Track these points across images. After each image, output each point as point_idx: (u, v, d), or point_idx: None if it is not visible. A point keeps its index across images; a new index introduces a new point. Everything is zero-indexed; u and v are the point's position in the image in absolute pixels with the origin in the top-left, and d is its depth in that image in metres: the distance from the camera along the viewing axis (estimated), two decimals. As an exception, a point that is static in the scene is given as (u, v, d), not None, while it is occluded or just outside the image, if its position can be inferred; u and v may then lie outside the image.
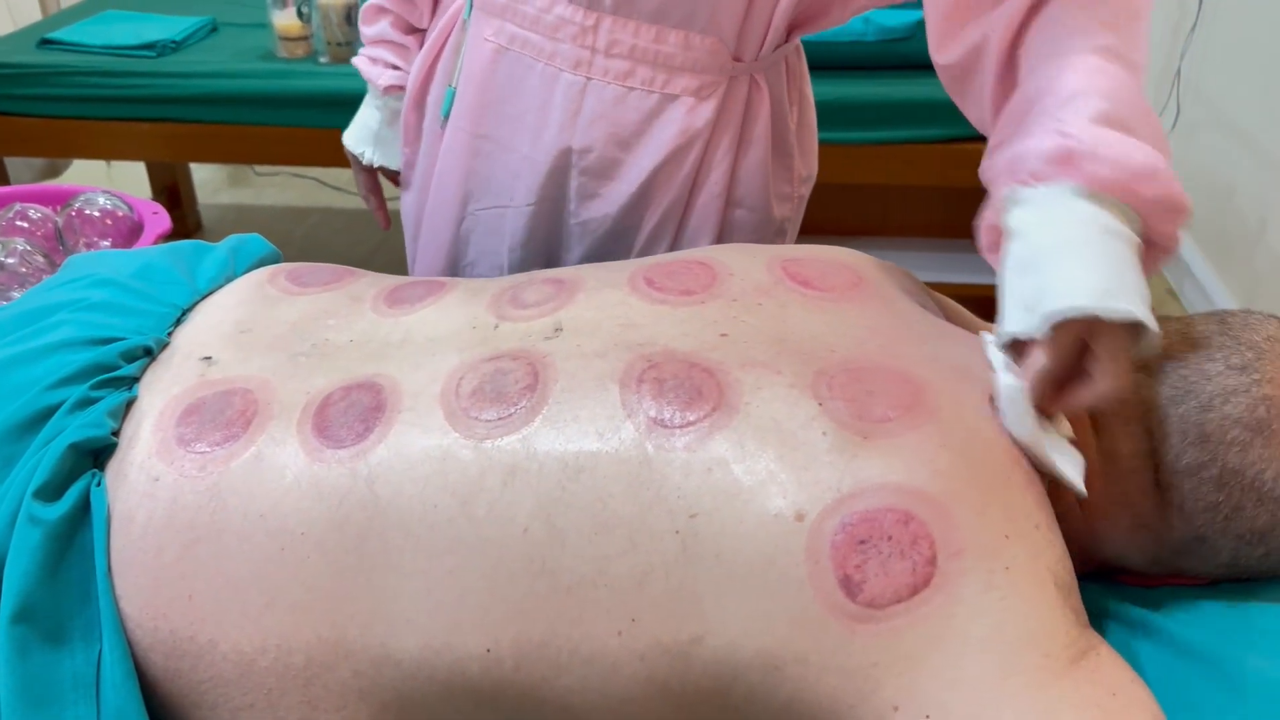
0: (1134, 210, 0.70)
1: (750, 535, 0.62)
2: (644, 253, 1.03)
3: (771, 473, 0.63)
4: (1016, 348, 0.70)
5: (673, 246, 1.03)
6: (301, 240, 2.95)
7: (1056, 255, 0.69)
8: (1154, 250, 0.72)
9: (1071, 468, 0.68)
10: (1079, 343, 0.68)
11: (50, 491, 0.66)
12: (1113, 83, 0.73)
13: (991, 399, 0.70)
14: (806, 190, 1.11)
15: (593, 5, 0.92)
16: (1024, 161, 0.73)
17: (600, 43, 0.94)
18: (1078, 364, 0.69)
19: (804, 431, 0.65)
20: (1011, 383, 0.68)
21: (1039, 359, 0.67)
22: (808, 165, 1.10)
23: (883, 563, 0.60)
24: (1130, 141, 0.70)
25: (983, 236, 0.79)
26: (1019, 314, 0.69)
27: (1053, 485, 0.69)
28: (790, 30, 1.00)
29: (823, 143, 1.14)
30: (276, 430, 0.69)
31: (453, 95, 1.02)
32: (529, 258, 1.04)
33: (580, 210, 1.01)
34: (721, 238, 1.04)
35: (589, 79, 0.95)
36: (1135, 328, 0.67)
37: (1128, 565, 0.78)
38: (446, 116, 1.03)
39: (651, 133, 0.96)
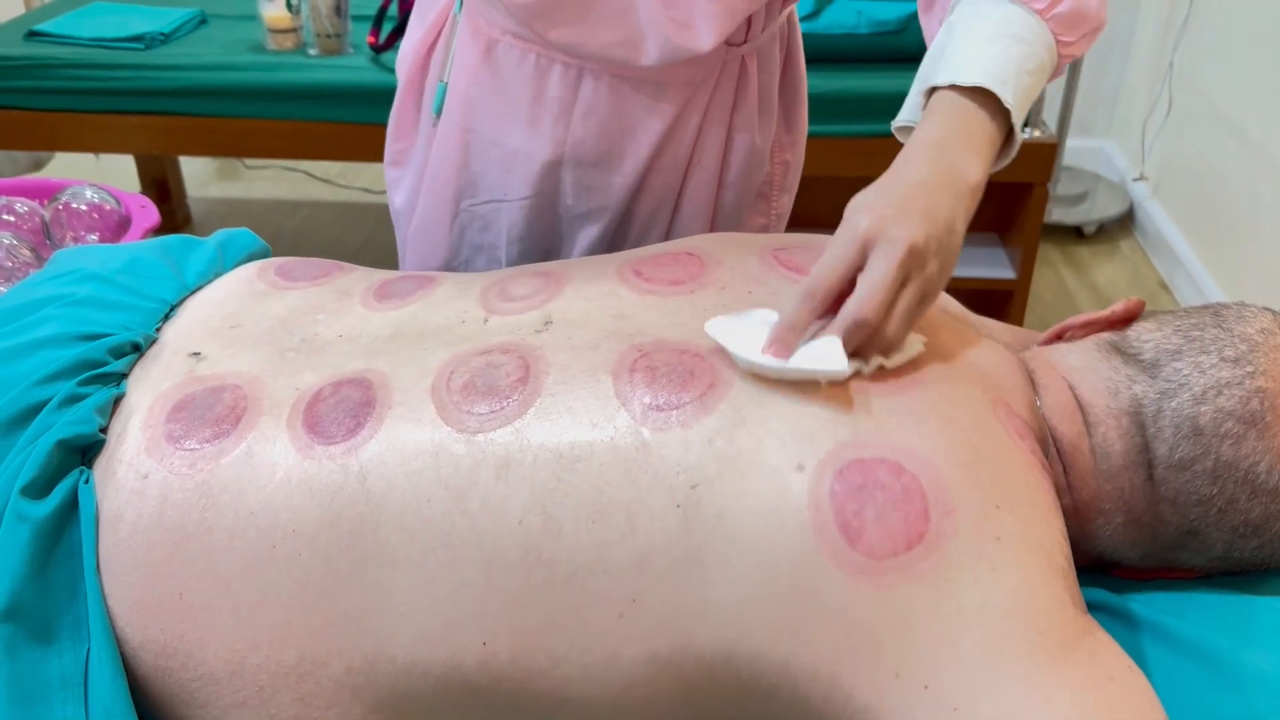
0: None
1: (752, 490, 0.62)
2: (639, 241, 1.02)
3: (772, 430, 0.64)
4: None
5: (667, 233, 1.03)
6: (291, 234, 2.93)
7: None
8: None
9: (823, 358, 0.65)
10: None
11: (38, 489, 0.66)
12: None
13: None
14: (793, 156, 1.11)
15: None
16: None
17: None
18: None
19: (801, 394, 0.65)
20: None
21: None
22: (797, 127, 1.09)
23: (878, 511, 0.60)
24: None
25: None
26: None
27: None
28: (784, 4, 0.99)
29: (815, 135, 1.13)
30: (267, 427, 0.68)
31: (444, 91, 1.01)
32: (527, 251, 1.04)
33: (576, 202, 1.00)
34: (715, 221, 1.04)
35: (583, 69, 0.94)
36: None
37: (1121, 559, 0.78)
38: (438, 114, 1.02)
39: (646, 122, 0.96)
